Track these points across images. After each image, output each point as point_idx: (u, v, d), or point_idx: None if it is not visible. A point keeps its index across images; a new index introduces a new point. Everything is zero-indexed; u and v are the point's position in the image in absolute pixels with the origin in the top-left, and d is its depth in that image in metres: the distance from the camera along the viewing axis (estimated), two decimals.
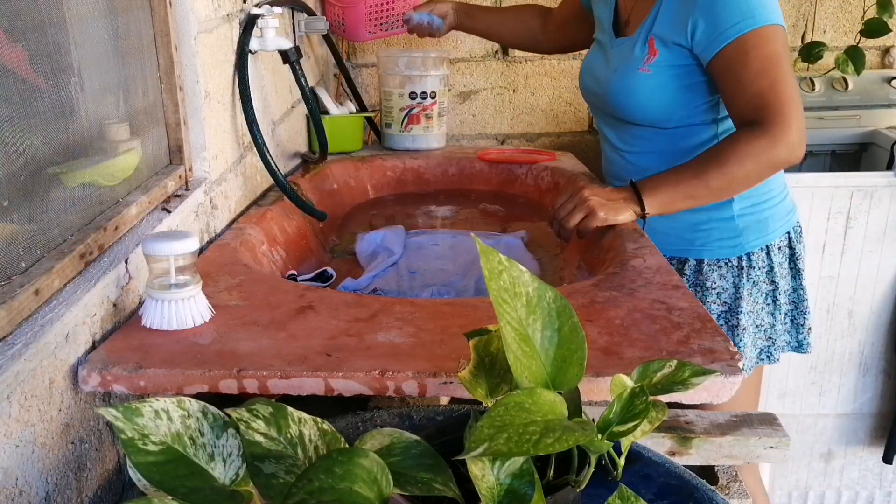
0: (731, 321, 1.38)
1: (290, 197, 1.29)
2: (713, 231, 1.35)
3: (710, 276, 1.37)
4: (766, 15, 1.18)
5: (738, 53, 1.18)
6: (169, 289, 0.80)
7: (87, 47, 0.83)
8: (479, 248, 0.56)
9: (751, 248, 1.36)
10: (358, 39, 1.85)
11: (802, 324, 1.44)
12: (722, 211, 1.33)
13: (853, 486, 2.14)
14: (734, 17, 1.18)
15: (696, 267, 1.38)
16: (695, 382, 0.61)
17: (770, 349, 1.43)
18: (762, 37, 1.17)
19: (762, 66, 1.17)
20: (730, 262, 1.36)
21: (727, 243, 1.36)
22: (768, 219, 1.36)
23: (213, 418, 0.55)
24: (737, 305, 1.37)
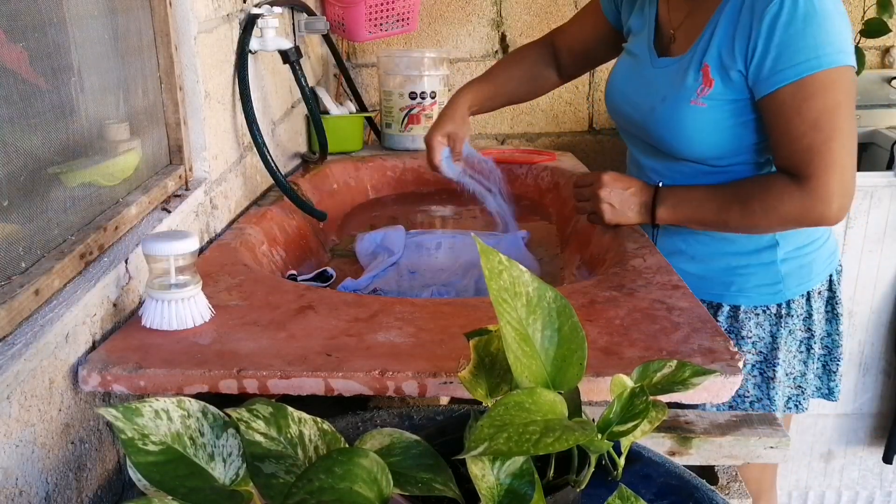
0: (766, 372, 1.27)
1: (290, 197, 1.29)
2: (752, 276, 1.23)
3: (747, 325, 1.25)
4: (837, 54, 1.04)
5: (796, 99, 1.05)
6: (169, 289, 0.80)
7: (87, 47, 0.83)
8: (479, 247, 0.56)
9: (792, 295, 1.24)
10: (358, 39, 1.85)
11: (835, 371, 1.33)
12: (763, 255, 1.22)
13: (853, 486, 2.14)
14: (801, 53, 1.04)
15: (731, 313, 1.26)
16: (695, 382, 0.61)
17: (799, 398, 1.32)
18: (826, 82, 1.04)
19: (819, 117, 1.05)
20: (768, 310, 1.24)
21: (767, 290, 1.23)
22: (812, 263, 1.24)
23: (213, 418, 0.55)
24: (773, 356, 1.25)
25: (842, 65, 1.04)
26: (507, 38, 2.14)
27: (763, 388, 1.26)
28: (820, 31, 1.03)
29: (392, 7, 1.80)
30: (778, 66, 1.05)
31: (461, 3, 2.10)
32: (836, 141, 1.05)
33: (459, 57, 2.14)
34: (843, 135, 1.05)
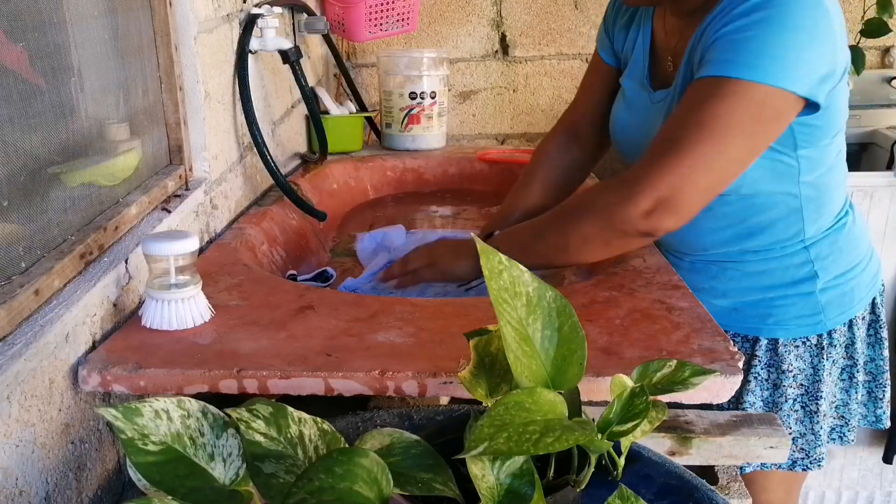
0: (808, 406, 1.18)
1: (290, 197, 1.29)
2: (791, 308, 1.14)
3: (787, 358, 1.15)
4: (778, 72, 0.89)
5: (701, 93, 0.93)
6: (169, 289, 0.80)
7: (88, 47, 0.83)
8: (479, 248, 0.56)
9: (833, 325, 1.15)
10: (358, 39, 1.85)
11: (882, 397, 1.24)
12: (802, 286, 1.13)
13: (853, 486, 2.14)
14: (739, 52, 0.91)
15: (769, 346, 1.16)
16: (695, 382, 0.61)
17: (843, 428, 1.23)
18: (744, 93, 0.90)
19: (705, 120, 0.91)
20: (808, 341, 1.15)
21: (806, 321, 1.14)
22: (853, 290, 1.15)
23: (213, 418, 0.55)
24: (815, 389, 1.16)
25: (776, 86, 0.90)
26: (507, 38, 2.14)
27: (806, 423, 1.18)
28: (771, 42, 0.90)
29: (392, 7, 1.80)
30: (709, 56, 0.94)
31: (461, 3, 2.10)
32: (698, 147, 0.91)
33: (459, 57, 2.14)
34: (714, 149, 0.91)
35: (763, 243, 1.12)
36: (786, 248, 1.12)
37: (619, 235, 0.96)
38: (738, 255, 1.14)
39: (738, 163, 0.94)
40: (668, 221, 0.93)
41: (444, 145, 1.90)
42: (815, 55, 0.92)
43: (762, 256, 1.13)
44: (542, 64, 2.16)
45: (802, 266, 1.13)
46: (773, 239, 1.12)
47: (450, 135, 2.03)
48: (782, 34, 0.90)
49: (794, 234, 1.11)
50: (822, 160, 1.07)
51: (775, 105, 0.92)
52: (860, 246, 1.17)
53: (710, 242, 1.14)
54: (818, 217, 1.11)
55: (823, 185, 1.09)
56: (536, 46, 2.14)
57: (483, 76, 2.16)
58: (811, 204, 1.09)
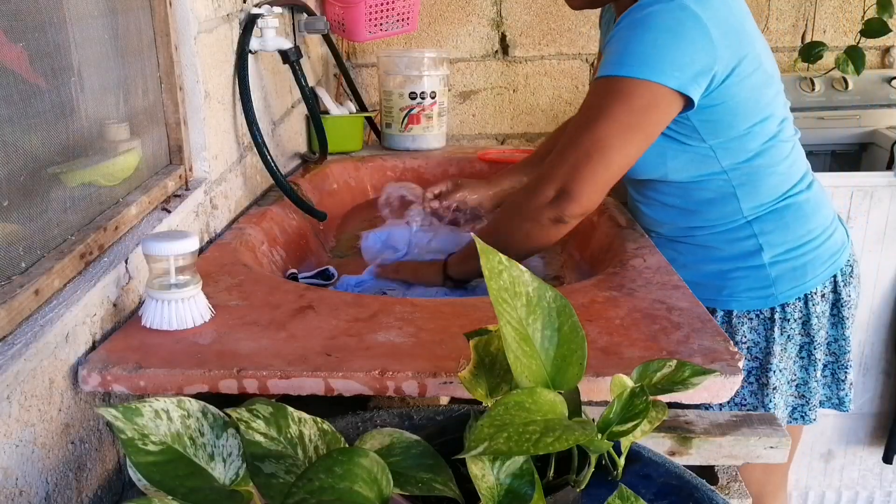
0: (761, 379, 1.25)
1: (290, 197, 1.29)
2: (741, 280, 1.21)
3: (740, 330, 1.23)
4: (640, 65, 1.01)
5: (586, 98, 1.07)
6: (169, 289, 0.80)
7: (88, 47, 0.83)
8: (478, 248, 0.56)
9: (785, 298, 1.21)
10: (358, 39, 1.85)
11: (843, 379, 1.29)
12: (749, 259, 1.20)
13: (853, 486, 2.14)
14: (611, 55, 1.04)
15: (724, 318, 1.24)
16: (695, 382, 0.61)
17: (804, 408, 1.28)
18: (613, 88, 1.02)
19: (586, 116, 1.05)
20: (761, 314, 1.22)
21: (757, 293, 1.21)
22: (807, 265, 1.21)
23: (213, 418, 0.55)
24: (767, 361, 1.23)
25: (641, 77, 1.01)
26: (507, 38, 2.14)
27: (759, 396, 1.25)
28: (635, 41, 1.02)
29: (392, 7, 1.80)
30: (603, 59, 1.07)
31: (461, 3, 2.10)
32: (581, 141, 1.04)
33: (459, 57, 2.14)
34: (593, 140, 1.03)
35: (706, 220, 1.21)
36: (727, 224, 1.20)
37: (534, 226, 1.09)
38: (688, 230, 1.24)
39: (620, 147, 1.04)
40: (571, 207, 1.06)
41: (444, 145, 1.90)
42: (682, 53, 1.02)
43: (708, 231, 1.22)
44: (542, 64, 2.15)
45: (747, 240, 1.20)
46: (715, 216, 1.20)
47: (450, 135, 2.03)
48: (645, 34, 1.01)
49: (731, 212, 1.19)
50: (741, 148, 1.15)
51: (643, 96, 1.02)
52: (811, 222, 1.21)
53: (664, 221, 1.26)
54: (754, 196, 1.18)
55: (754, 168, 1.17)
56: (536, 46, 2.14)
57: (483, 76, 2.16)
58: (744, 186, 1.17)
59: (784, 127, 1.19)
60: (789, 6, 2.08)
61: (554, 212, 1.06)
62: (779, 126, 1.17)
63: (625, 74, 1.02)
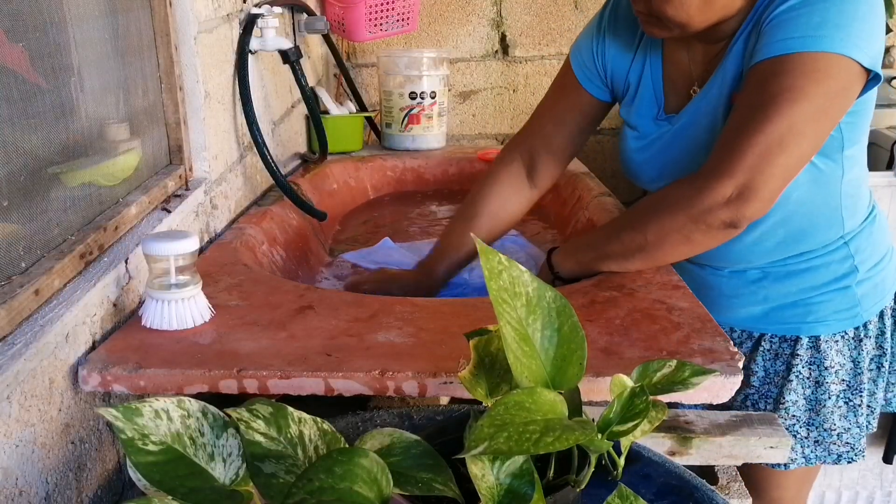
0: (852, 400, 1.16)
1: (290, 197, 1.29)
2: (829, 304, 1.11)
3: (829, 354, 1.13)
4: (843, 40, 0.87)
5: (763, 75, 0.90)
6: (169, 289, 0.80)
7: (88, 47, 0.83)
8: (478, 248, 0.56)
9: (868, 316, 1.13)
10: (358, 39, 1.85)
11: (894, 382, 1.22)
12: (842, 281, 1.11)
13: (853, 486, 2.14)
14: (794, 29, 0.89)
15: (811, 344, 1.13)
16: (695, 382, 0.61)
17: (869, 417, 1.21)
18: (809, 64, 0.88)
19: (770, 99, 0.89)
20: (846, 335, 1.14)
21: (845, 315, 1.12)
22: (885, 279, 1.14)
23: (213, 418, 0.55)
24: (857, 382, 1.15)
25: (841, 53, 0.87)
26: (507, 38, 2.14)
27: (850, 418, 1.16)
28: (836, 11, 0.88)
29: (392, 7, 1.80)
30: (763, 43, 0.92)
31: (461, 3, 2.10)
32: (768, 127, 0.88)
33: (459, 57, 2.14)
34: (784, 125, 0.88)
35: (808, 246, 1.10)
36: (828, 247, 1.10)
37: (701, 229, 0.93)
38: (781, 262, 1.12)
39: (812, 137, 0.91)
40: (751, 208, 0.90)
41: (444, 145, 1.90)
42: (875, 26, 0.90)
43: (805, 258, 1.11)
44: (542, 64, 2.15)
45: (843, 262, 1.11)
46: (817, 241, 1.10)
47: (450, 135, 2.03)
48: (843, 4, 0.88)
49: (835, 233, 1.10)
50: (860, 157, 1.07)
51: (841, 75, 0.89)
52: (887, 235, 1.16)
53: (755, 254, 1.11)
54: (855, 212, 1.10)
55: (857, 180, 1.08)
56: (536, 46, 2.14)
57: (483, 76, 2.16)
58: (849, 200, 1.08)
59: None
60: None
61: (730, 213, 0.90)
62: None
63: (824, 49, 0.87)
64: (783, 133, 0.88)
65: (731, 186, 0.90)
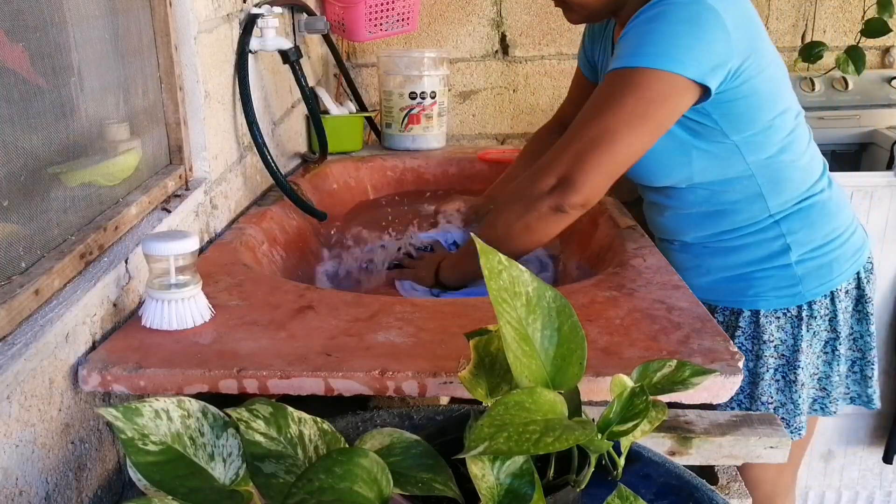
0: (788, 376, 1.24)
1: (290, 197, 1.29)
2: (768, 280, 1.21)
3: (768, 329, 1.23)
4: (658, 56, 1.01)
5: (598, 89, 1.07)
6: (169, 289, 0.80)
7: (88, 47, 0.83)
8: (478, 248, 0.56)
9: (812, 296, 1.21)
10: (358, 39, 1.85)
11: (871, 376, 1.30)
12: (777, 259, 1.20)
13: (853, 486, 2.14)
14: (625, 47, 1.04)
15: (751, 318, 1.24)
16: (695, 382, 0.61)
17: (825, 400, 1.29)
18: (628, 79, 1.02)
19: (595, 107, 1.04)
20: (788, 313, 1.22)
21: (785, 292, 1.21)
22: (832, 262, 1.21)
23: (213, 418, 0.55)
24: (795, 358, 1.23)
25: (656, 67, 1.01)
26: (507, 38, 2.14)
27: (786, 393, 1.24)
28: (651, 33, 1.02)
29: (392, 7, 1.80)
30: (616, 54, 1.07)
31: (461, 3, 2.10)
32: (588, 130, 1.03)
33: (459, 57, 2.14)
34: (601, 129, 1.02)
35: (734, 223, 1.20)
36: (756, 225, 1.20)
37: (534, 216, 1.07)
38: (715, 236, 1.22)
39: (627, 141, 1.03)
40: (572, 196, 1.05)
41: (444, 145, 1.90)
42: (699, 42, 1.02)
43: (736, 234, 1.21)
44: (542, 64, 2.15)
45: (775, 240, 1.20)
46: (742, 218, 1.20)
47: (450, 135, 2.03)
48: (661, 27, 1.02)
49: (759, 212, 1.19)
50: (765, 143, 1.15)
51: (656, 87, 1.02)
52: (835, 220, 1.22)
53: (688, 228, 1.24)
54: (780, 193, 1.18)
55: (778, 164, 1.17)
56: (536, 46, 2.14)
57: (483, 76, 2.16)
58: (769, 183, 1.17)
59: (800, 121, 1.20)
60: (789, 6, 2.08)
61: (553, 200, 1.05)
62: (795, 120, 1.19)
63: (639, 65, 1.02)
64: (596, 134, 1.03)
65: (553, 178, 1.06)
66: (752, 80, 1.08)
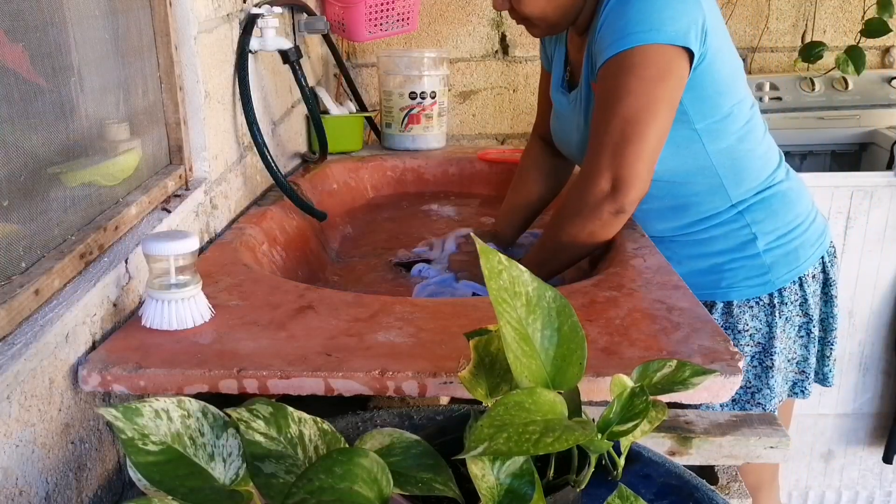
0: (765, 362, 1.28)
1: (290, 197, 1.29)
2: (738, 270, 1.24)
3: (742, 319, 1.26)
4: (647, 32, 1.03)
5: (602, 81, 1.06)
6: (169, 289, 0.80)
7: (88, 47, 0.83)
8: (478, 248, 0.56)
9: (782, 283, 1.25)
10: (358, 39, 1.85)
11: (829, 355, 1.35)
12: (745, 249, 1.23)
13: (853, 486, 2.14)
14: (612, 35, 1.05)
15: (725, 310, 1.27)
16: (695, 382, 0.61)
17: (804, 383, 1.33)
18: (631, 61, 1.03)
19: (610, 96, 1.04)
20: (761, 301, 1.25)
21: (755, 281, 1.24)
22: (798, 248, 1.25)
23: (213, 418, 0.55)
24: (770, 345, 1.27)
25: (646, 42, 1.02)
26: (507, 38, 2.14)
27: (762, 378, 1.28)
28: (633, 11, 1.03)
29: (392, 7, 1.80)
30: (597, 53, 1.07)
31: (461, 3, 2.10)
32: (616, 121, 1.03)
33: (459, 57, 2.14)
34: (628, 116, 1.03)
35: (698, 213, 1.24)
36: (720, 216, 1.23)
37: (595, 224, 1.08)
38: (682, 228, 1.26)
39: (655, 118, 1.04)
40: (630, 193, 1.05)
41: (444, 145, 1.90)
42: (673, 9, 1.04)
43: (702, 226, 1.24)
44: None
45: (741, 230, 1.23)
46: (705, 209, 1.23)
47: (450, 135, 2.03)
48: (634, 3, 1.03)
49: (721, 202, 1.22)
50: (725, 130, 1.18)
51: (659, 61, 1.03)
52: (797, 207, 1.26)
53: (655, 222, 1.26)
54: (740, 182, 1.21)
55: (737, 153, 1.20)
56: (536, 46, 2.14)
57: (483, 76, 2.16)
58: (729, 173, 1.20)
59: (755, 112, 1.24)
60: (789, 6, 2.09)
61: (612, 204, 1.06)
62: (751, 109, 1.22)
63: (633, 44, 1.03)
64: (622, 128, 1.04)
65: (605, 182, 1.06)
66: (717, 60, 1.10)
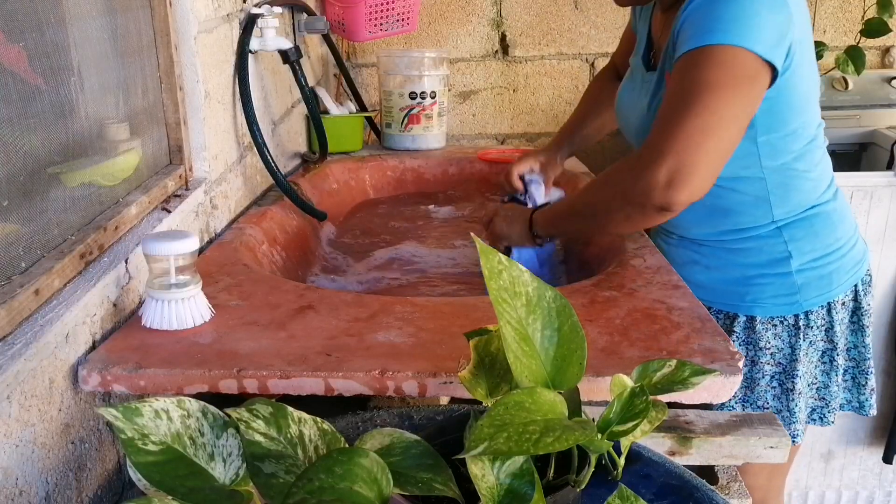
0: (785, 384, 1.23)
1: (290, 197, 1.29)
2: (767, 287, 1.20)
3: (764, 336, 1.21)
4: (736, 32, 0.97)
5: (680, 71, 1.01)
6: (169, 289, 0.80)
7: (87, 47, 0.83)
8: (478, 248, 0.56)
9: (810, 306, 1.20)
10: (358, 39, 1.85)
11: (864, 384, 1.30)
12: (777, 266, 1.18)
13: (853, 486, 2.14)
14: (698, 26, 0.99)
15: (747, 324, 1.22)
16: (695, 382, 0.61)
17: (823, 410, 1.28)
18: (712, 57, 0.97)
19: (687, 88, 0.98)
20: (785, 321, 1.20)
21: (783, 300, 1.19)
22: (832, 273, 1.20)
23: (213, 418, 0.55)
24: (792, 367, 1.22)
25: (736, 44, 0.96)
26: (507, 38, 2.14)
27: (783, 400, 1.24)
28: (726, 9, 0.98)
29: (392, 7, 1.80)
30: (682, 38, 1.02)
31: (461, 3, 2.10)
32: (692, 113, 0.96)
33: (459, 57, 2.14)
34: (707, 111, 0.96)
35: (737, 223, 1.19)
36: (759, 229, 1.19)
37: (638, 211, 1.01)
38: (717, 234, 1.21)
39: (733, 121, 0.98)
40: (683, 193, 0.97)
41: (444, 145, 1.90)
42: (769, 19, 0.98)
43: (738, 236, 1.20)
44: (542, 64, 2.15)
45: (777, 247, 1.19)
46: (745, 220, 1.18)
47: (450, 135, 2.03)
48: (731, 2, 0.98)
49: (762, 216, 1.18)
50: (785, 148, 1.14)
51: (744, 65, 0.98)
52: (838, 231, 1.21)
53: (690, 223, 1.22)
54: (786, 201, 1.17)
55: (790, 172, 1.15)
56: (536, 46, 2.14)
57: (483, 76, 2.16)
58: (778, 189, 1.16)
59: (819, 132, 1.19)
60: None
61: (664, 198, 0.97)
62: (816, 129, 1.17)
63: (722, 42, 0.97)
64: (706, 119, 0.96)
65: (663, 172, 0.97)
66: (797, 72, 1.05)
